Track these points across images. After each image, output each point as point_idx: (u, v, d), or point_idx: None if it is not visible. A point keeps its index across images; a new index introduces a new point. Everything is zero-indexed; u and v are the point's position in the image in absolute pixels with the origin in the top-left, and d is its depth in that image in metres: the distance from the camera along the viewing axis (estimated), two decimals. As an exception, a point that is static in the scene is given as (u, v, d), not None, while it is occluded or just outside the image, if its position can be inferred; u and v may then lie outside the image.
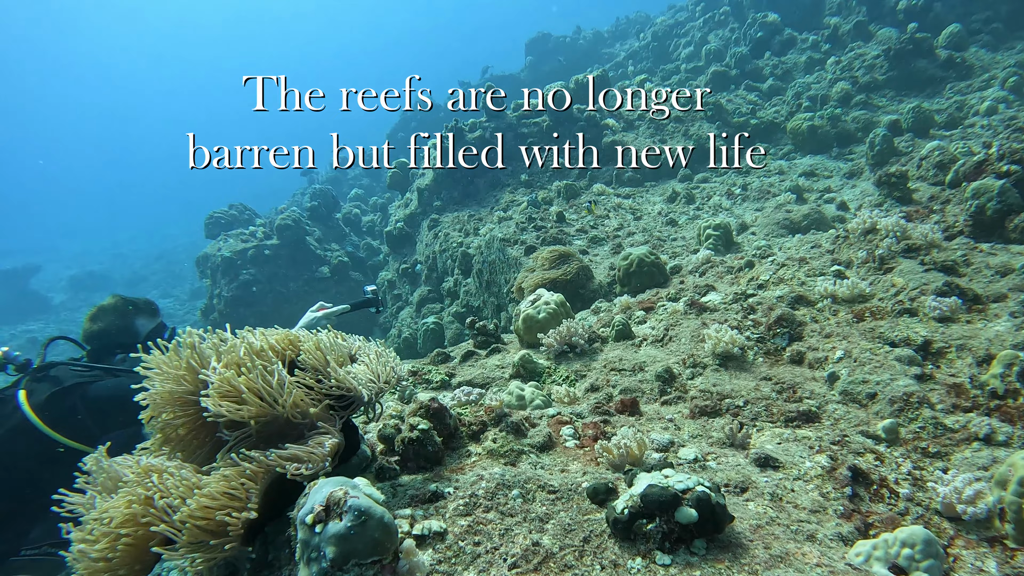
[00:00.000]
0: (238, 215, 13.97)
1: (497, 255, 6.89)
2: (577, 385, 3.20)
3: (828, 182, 7.60)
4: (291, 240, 11.76)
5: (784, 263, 3.99)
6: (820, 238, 4.81)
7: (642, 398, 2.95)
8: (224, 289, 11.23)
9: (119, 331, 2.93)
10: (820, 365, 2.95)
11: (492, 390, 3.27)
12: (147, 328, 3.04)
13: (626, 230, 6.65)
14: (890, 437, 2.41)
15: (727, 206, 7.25)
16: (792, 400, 2.73)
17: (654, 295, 4.20)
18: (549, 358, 3.46)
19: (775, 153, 9.32)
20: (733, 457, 2.25)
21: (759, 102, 10.77)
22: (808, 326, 3.24)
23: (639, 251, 4.43)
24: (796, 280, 3.76)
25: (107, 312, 2.98)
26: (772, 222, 5.84)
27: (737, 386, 2.86)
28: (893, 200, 4.84)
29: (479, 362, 3.65)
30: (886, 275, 3.53)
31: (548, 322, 3.52)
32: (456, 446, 2.18)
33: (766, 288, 3.79)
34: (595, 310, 4.38)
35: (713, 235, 5.30)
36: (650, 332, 3.63)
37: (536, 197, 8.97)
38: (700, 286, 3.97)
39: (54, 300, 32.01)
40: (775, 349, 3.16)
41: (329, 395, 1.78)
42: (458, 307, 8.03)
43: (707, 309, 3.67)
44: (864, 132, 8.63)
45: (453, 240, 8.98)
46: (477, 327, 3.85)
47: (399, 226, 10.68)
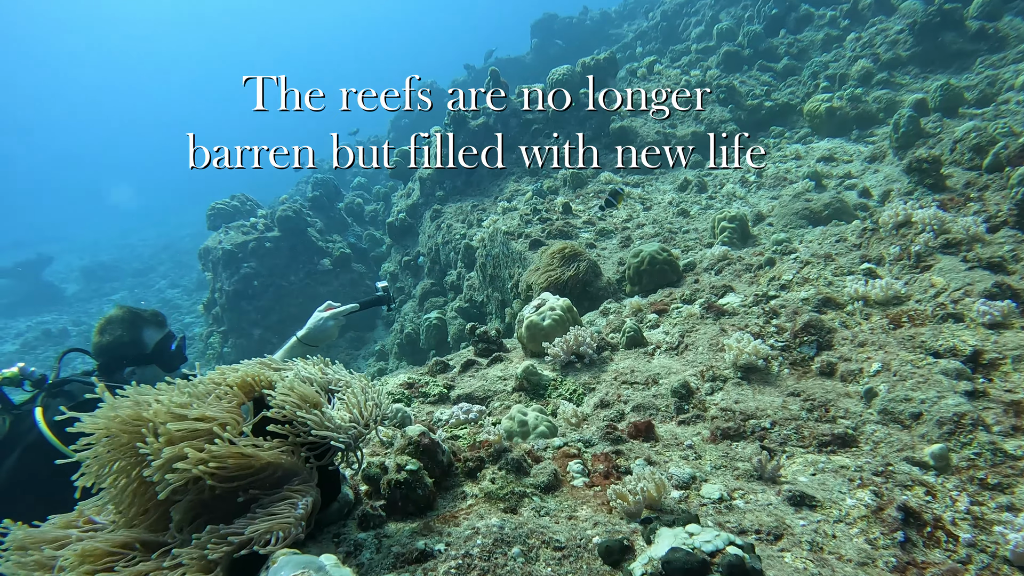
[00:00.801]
0: (240, 206, 13.73)
1: (501, 249, 6.62)
2: (585, 400, 2.95)
3: (848, 167, 7.23)
4: (292, 232, 11.52)
5: (808, 260, 3.69)
6: (845, 231, 4.49)
7: (657, 416, 2.69)
8: (225, 283, 11.04)
9: (127, 343, 2.87)
10: (854, 378, 2.67)
11: (493, 404, 3.03)
12: (155, 339, 2.96)
13: (635, 221, 6.35)
14: (940, 464, 2.14)
15: (741, 194, 6.92)
16: (825, 420, 2.46)
17: (667, 296, 3.92)
18: (555, 369, 3.21)
19: (791, 137, 8.93)
20: (763, 494, 1.99)
21: (773, 83, 10.34)
22: (838, 333, 2.96)
23: (650, 248, 4.14)
24: (822, 280, 3.47)
25: (115, 324, 2.90)
26: (790, 212, 5.52)
27: (762, 403, 2.59)
28: (924, 188, 4.51)
29: (480, 372, 3.39)
30: (923, 274, 3.23)
31: (554, 330, 3.25)
32: (450, 485, 1.93)
33: (789, 289, 3.50)
34: (604, 311, 4.10)
35: (728, 228, 4.99)
36: (664, 338, 3.36)
37: (541, 186, 8.66)
38: (717, 287, 3.68)
39: (67, 291, 32.25)
40: (802, 359, 2.88)
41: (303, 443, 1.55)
42: (461, 302, 7.78)
43: (725, 313, 3.39)
44: (886, 113, 8.21)
45: (456, 231, 8.70)
46: (478, 334, 3.60)
47: (401, 217, 10.40)
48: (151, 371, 2.93)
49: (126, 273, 34.30)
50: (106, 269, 34.38)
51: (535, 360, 3.34)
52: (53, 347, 23.06)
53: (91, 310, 28.40)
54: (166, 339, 3.01)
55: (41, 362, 21.44)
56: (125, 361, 2.85)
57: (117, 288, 31.55)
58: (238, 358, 6.68)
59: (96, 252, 40.16)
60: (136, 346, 2.88)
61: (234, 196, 14.04)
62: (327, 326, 3.02)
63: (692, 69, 10.95)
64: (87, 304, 29.71)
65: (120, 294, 30.44)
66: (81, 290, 32.36)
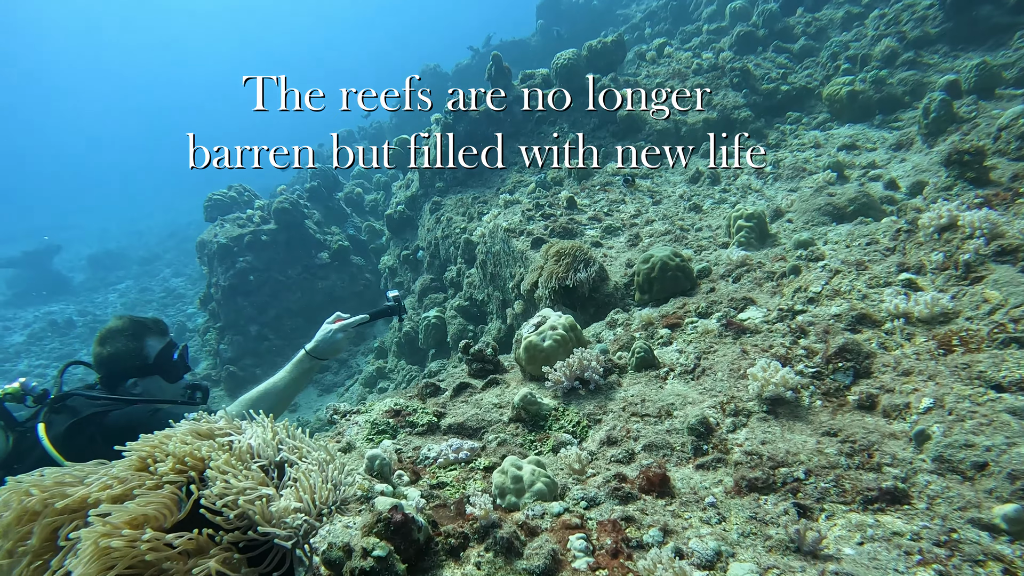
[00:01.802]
0: (237, 197, 13.40)
1: (502, 246, 6.26)
2: (590, 435, 2.61)
3: (872, 156, 6.78)
4: (289, 224, 11.19)
5: (838, 269, 3.31)
6: (875, 231, 4.10)
7: (671, 457, 2.35)
8: (221, 278, 10.75)
9: (129, 354, 2.81)
10: (900, 415, 2.31)
11: (487, 437, 2.70)
12: (156, 349, 2.89)
13: (644, 217, 5.96)
14: (1016, 529, 1.79)
15: (757, 187, 6.50)
16: (868, 467, 2.11)
17: (680, 307, 3.56)
18: (556, 396, 2.87)
19: (808, 123, 8.46)
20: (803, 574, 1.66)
21: (790, 65, 9.81)
22: (878, 358, 2.59)
23: (662, 252, 3.77)
24: (856, 292, 3.09)
25: (115, 335, 2.83)
26: (812, 208, 5.11)
27: (793, 445, 2.24)
28: (965, 183, 4.10)
29: (474, 397, 3.06)
30: (974, 287, 2.85)
31: (555, 352, 2.91)
32: (429, 566, 1.61)
33: (818, 303, 3.13)
34: (611, 323, 3.75)
35: (745, 227, 4.61)
36: (678, 359, 3.01)
37: (545, 177, 8.27)
38: (736, 299, 3.32)
39: (75, 280, 32.31)
40: (837, 389, 2.53)
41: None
42: (461, 300, 7.44)
43: (746, 330, 3.03)
44: (913, 96, 7.72)
45: (456, 225, 8.34)
46: (473, 352, 3.26)
47: (400, 209, 10.04)
48: (154, 382, 2.86)
49: (133, 261, 34.34)
50: (113, 258, 34.41)
51: (535, 384, 3.01)
52: (59, 338, 23.05)
53: (97, 300, 28.41)
54: (168, 348, 2.92)
55: (47, 354, 21.44)
56: (127, 373, 2.79)
57: (123, 277, 31.53)
58: (235, 356, 6.42)
59: (105, 240, 40.23)
60: (138, 357, 2.80)
61: (231, 187, 13.72)
62: (336, 339, 2.95)
63: (704, 51, 10.44)
64: (93, 294, 29.75)
65: (126, 283, 30.41)
66: (88, 279, 32.44)
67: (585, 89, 9.39)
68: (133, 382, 2.81)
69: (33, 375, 19.62)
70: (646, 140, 8.60)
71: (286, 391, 2.99)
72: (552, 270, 4.13)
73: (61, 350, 21.78)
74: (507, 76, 9.76)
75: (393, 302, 3.25)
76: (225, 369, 9.95)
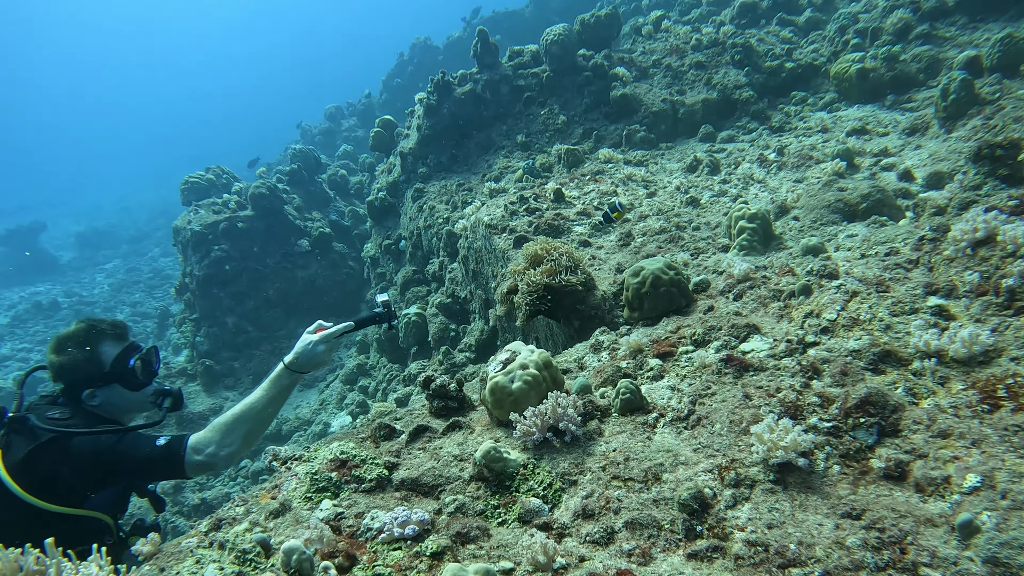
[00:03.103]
0: (215, 179, 12.81)
1: (483, 243, 5.79)
2: (564, 501, 2.20)
3: (884, 141, 6.28)
4: (267, 211, 10.66)
5: (855, 291, 2.87)
6: (894, 236, 3.65)
7: (659, 540, 1.94)
8: (195, 267, 10.26)
9: (83, 362, 2.60)
10: (938, 491, 1.90)
11: (445, 500, 2.29)
12: (112, 355, 2.65)
13: (637, 212, 5.48)
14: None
15: (760, 177, 6.01)
16: (901, 567, 1.70)
17: (674, 330, 3.12)
18: (526, 447, 2.45)
19: (814, 103, 7.92)
20: None
21: (795, 40, 9.21)
22: (907, 412, 2.17)
23: (653, 265, 3.32)
24: (877, 321, 2.65)
25: (68, 342, 2.62)
26: (821, 204, 4.65)
27: (806, 531, 1.83)
28: (997, 180, 3.63)
29: (433, 444, 2.64)
30: (1020, 318, 2.42)
31: (525, 395, 2.48)
32: None
33: (833, 333, 2.69)
34: (595, 346, 3.32)
35: (748, 229, 4.15)
36: (669, 398, 2.58)
37: (534, 163, 7.75)
38: (738, 326, 2.88)
39: (62, 259, 31.74)
40: (858, 450, 2.11)
41: None
42: (443, 297, 7.00)
43: (749, 367, 2.60)
44: (928, 74, 7.19)
45: (439, 215, 7.84)
46: (434, 388, 2.83)
47: (381, 196, 9.51)
48: (114, 392, 2.64)
49: (121, 240, 33.73)
50: (101, 236, 33.76)
51: (502, 431, 2.58)
52: (44, 320, 22.60)
53: (84, 279, 27.88)
54: (126, 354, 2.67)
55: (31, 337, 21.01)
56: (84, 382, 2.58)
57: (111, 256, 30.94)
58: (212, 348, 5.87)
59: (94, 217, 39.50)
60: (93, 364, 2.59)
61: (209, 168, 13.11)
62: (317, 351, 2.68)
63: (704, 25, 9.80)
64: (80, 273, 29.19)
65: (113, 263, 29.83)
66: (75, 258, 31.85)
67: (577, 67, 8.80)
68: (90, 392, 2.59)
69: (16, 359, 19.22)
70: (641, 122, 8.06)
71: (264, 412, 2.67)
72: (531, 281, 3.68)
73: (45, 333, 21.34)
74: (494, 53, 9.14)
75: (382, 308, 2.91)
76: (202, 363, 9.54)
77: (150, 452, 2.45)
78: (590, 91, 8.55)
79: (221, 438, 2.60)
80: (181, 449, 2.50)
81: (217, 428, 2.58)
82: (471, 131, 8.94)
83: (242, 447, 2.66)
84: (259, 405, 2.64)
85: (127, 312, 22.07)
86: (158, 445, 2.47)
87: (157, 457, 2.45)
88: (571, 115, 8.57)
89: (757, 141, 7.06)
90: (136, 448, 2.44)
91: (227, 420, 2.59)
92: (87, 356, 2.59)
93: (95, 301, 24.46)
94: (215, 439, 2.58)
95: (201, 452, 2.52)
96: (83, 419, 2.53)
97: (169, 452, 2.46)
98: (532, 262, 3.95)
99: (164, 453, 2.45)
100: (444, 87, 9.03)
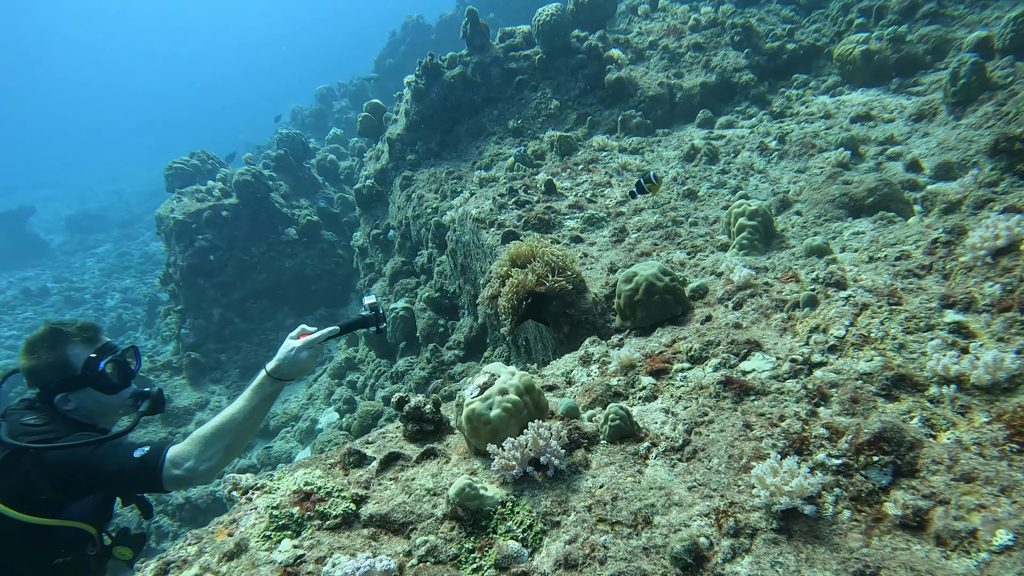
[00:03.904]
0: (200, 165, 12.44)
1: (471, 237, 5.54)
2: (545, 545, 2.00)
3: (889, 128, 6.01)
4: (252, 198, 10.34)
5: (865, 303, 2.64)
6: (904, 238, 3.42)
7: (649, 598, 1.74)
8: (179, 257, 9.97)
9: (53, 367, 2.52)
10: (962, 545, 1.70)
11: (416, 541, 2.09)
12: (83, 358, 2.55)
13: (632, 205, 5.23)
14: None
15: (760, 167, 5.74)
16: (920, 638, 1.51)
17: (669, 343, 2.90)
18: (505, 482, 2.24)
19: (816, 87, 7.61)
20: None
21: (796, 19, 8.86)
22: (925, 449, 1.96)
23: (648, 271, 3.09)
24: (889, 340, 2.43)
25: (37, 346, 2.54)
26: (825, 198, 4.41)
27: (816, 593, 1.63)
28: (1015, 176, 3.39)
29: (405, 474, 2.43)
30: (1045, 341, 2.20)
31: (505, 424, 2.26)
32: None
33: (842, 351, 2.47)
34: (584, 358, 3.10)
35: (748, 227, 3.91)
36: (663, 428, 2.37)
37: (525, 150, 7.45)
38: (738, 341, 2.65)
39: (52, 243, 31.31)
40: (870, 492, 1.90)
41: None
42: (431, 291, 6.76)
43: (750, 390, 2.38)
44: (935, 56, 6.89)
45: (428, 204, 7.56)
46: (408, 410, 2.61)
47: (369, 183, 9.20)
48: (88, 395, 2.54)
49: (113, 223, 33.26)
50: (92, 219, 33.29)
51: (480, 461, 2.37)
52: (33, 307, 22.29)
53: (74, 264, 27.50)
54: (97, 357, 2.58)
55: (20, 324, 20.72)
56: (56, 387, 2.50)
57: (102, 240, 30.49)
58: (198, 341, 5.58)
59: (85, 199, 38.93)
60: (62, 369, 2.51)
61: (193, 154, 12.74)
62: (299, 358, 2.55)
63: (703, 4, 9.41)
64: (70, 258, 28.81)
65: (104, 247, 29.40)
66: (66, 242, 31.42)
67: (571, 49, 8.44)
68: (63, 397, 2.52)
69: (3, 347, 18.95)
70: (637, 107, 7.75)
71: (245, 423, 2.52)
72: (515, 285, 3.44)
73: (34, 320, 21.07)
74: (484, 34, 8.76)
75: (369, 311, 2.77)
76: (187, 356, 9.31)
77: (125, 465, 2.32)
78: (584, 74, 8.22)
79: (200, 451, 2.47)
80: (158, 462, 2.37)
81: (196, 441, 2.44)
82: (461, 116, 8.61)
83: (222, 461, 2.54)
84: (240, 416, 2.50)
85: (117, 298, 21.76)
86: (135, 457, 2.34)
87: (133, 470, 2.32)
88: (564, 99, 8.24)
89: (757, 128, 6.78)
90: (111, 460, 2.33)
91: (207, 432, 2.46)
92: (55, 360, 2.51)
93: (85, 287, 24.12)
94: (194, 452, 2.46)
95: (180, 466, 2.39)
96: (59, 424, 2.45)
97: (145, 466, 2.33)
98: (516, 263, 3.71)
99: (140, 466, 2.33)
100: (433, 70, 8.67)
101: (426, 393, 5.86)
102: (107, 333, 2.86)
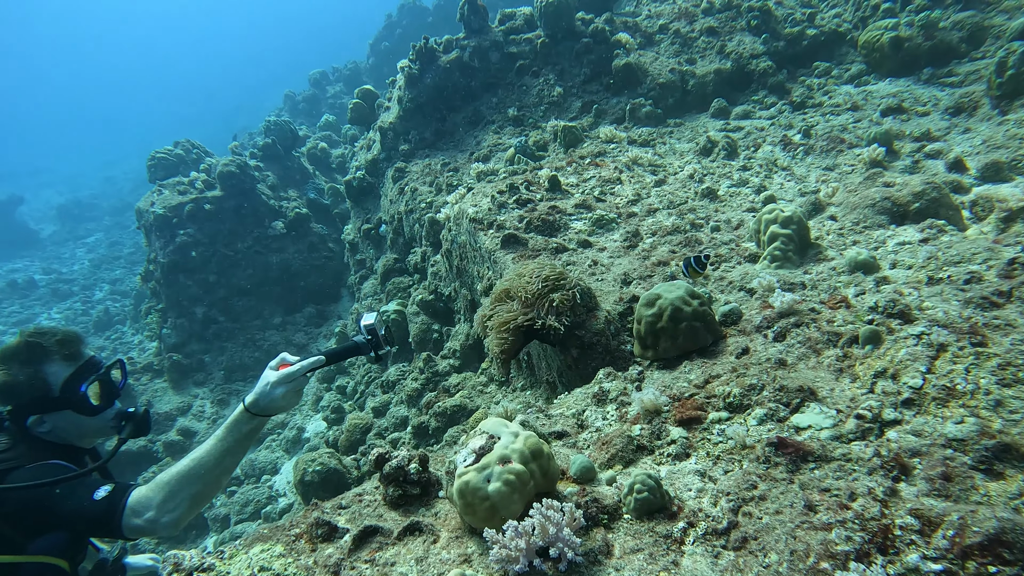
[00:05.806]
0: (184, 155, 11.87)
1: (468, 238, 5.06)
2: (557, 672, 1.55)
3: (925, 123, 5.52)
4: (237, 191, 9.80)
5: (943, 344, 2.18)
6: (969, 254, 2.95)
7: None
8: (159, 253, 9.46)
9: (27, 385, 2.23)
10: None
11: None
12: (61, 377, 2.24)
13: (644, 204, 4.75)
14: None
15: (784, 163, 5.26)
16: None
17: (701, 384, 2.44)
18: (506, 574, 1.79)
19: (839, 76, 7.10)
20: None
21: (816, 3, 8.31)
22: (1053, 552, 1.51)
23: (673, 294, 2.62)
24: (982, 394, 1.98)
25: (11, 360, 2.23)
26: (864, 202, 3.93)
27: None
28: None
29: (384, 555, 1.98)
30: None
31: (506, 501, 1.81)
32: None
33: (920, 407, 2.01)
34: (598, 396, 2.64)
35: (781, 235, 3.44)
36: (700, 499, 1.92)
37: (527, 141, 6.94)
38: (789, 388, 2.19)
39: (42, 232, 30.70)
40: (984, 612, 1.46)
41: None
42: (425, 293, 6.29)
43: (808, 455, 1.93)
44: (970, 44, 6.38)
45: (422, 198, 7.07)
46: (388, 471, 2.16)
47: (360, 175, 8.68)
48: (65, 418, 2.24)
49: (104, 212, 32.60)
50: (83, 207, 32.63)
51: (475, 542, 1.92)
52: (20, 300, 21.76)
53: (64, 255, 26.92)
54: (78, 376, 2.26)
55: (6, 318, 20.18)
56: (30, 407, 2.21)
57: (93, 230, 29.85)
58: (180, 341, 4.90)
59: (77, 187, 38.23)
60: (36, 388, 2.22)
61: (178, 143, 12.16)
62: (274, 395, 2.12)
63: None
64: (60, 248, 28.22)
65: (95, 236, 28.77)
66: (56, 232, 30.81)
67: (575, 32, 7.89)
68: (37, 419, 2.24)
69: (-9, 342, 18.43)
70: (647, 95, 7.23)
71: (217, 468, 2.11)
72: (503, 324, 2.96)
73: (21, 314, 20.56)
74: (483, 16, 8.20)
75: (366, 336, 2.19)
76: (168, 357, 8.85)
77: (82, 508, 2.00)
78: (589, 60, 7.67)
79: (163, 500, 2.07)
80: (118, 509, 1.99)
81: (160, 486, 2.07)
82: (458, 104, 8.08)
83: (188, 511, 2.13)
84: (211, 460, 2.10)
85: (106, 290, 21.22)
86: (95, 500, 2.01)
87: (91, 515, 2.00)
88: (568, 86, 7.71)
89: (778, 119, 6.28)
90: (69, 501, 2.02)
91: (172, 478, 2.08)
92: (30, 379, 2.20)
93: (74, 279, 23.56)
94: (156, 501, 2.06)
95: (140, 516, 2.02)
96: (25, 448, 2.16)
97: (103, 512, 2.00)
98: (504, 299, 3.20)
99: (98, 512, 2.00)
100: (428, 55, 8.12)
101: (419, 408, 5.41)
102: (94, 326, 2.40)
